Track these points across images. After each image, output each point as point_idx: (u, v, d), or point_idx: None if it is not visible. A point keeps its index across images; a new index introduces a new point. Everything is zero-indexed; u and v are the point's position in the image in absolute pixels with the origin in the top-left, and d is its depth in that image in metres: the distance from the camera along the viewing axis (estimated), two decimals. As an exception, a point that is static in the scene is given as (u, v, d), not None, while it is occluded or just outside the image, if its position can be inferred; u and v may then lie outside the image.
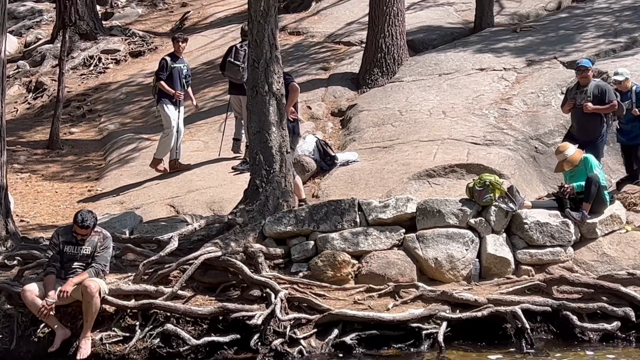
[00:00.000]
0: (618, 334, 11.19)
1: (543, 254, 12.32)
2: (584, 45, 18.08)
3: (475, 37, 19.62)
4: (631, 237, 12.54)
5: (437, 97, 16.53)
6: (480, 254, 12.36)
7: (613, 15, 19.62)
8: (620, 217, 12.72)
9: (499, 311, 11.22)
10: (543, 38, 18.95)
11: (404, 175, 13.97)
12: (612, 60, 16.85)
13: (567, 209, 12.47)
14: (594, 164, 12.83)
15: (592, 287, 11.63)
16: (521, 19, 20.92)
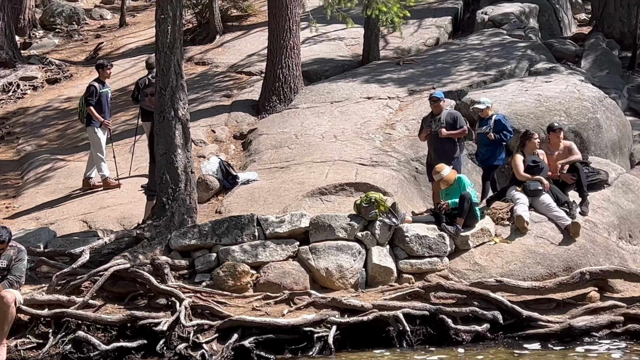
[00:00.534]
0: (488, 335, 11.43)
1: (422, 264, 12.48)
2: (458, 77, 18.39)
3: (363, 69, 19.80)
4: (499, 248, 12.80)
5: (329, 122, 16.62)
6: (366, 264, 12.47)
7: (484, 50, 20.02)
8: (489, 231, 12.97)
9: (383, 315, 11.37)
10: (423, 70, 19.23)
11: (299, 193, 13.98)
12: (483, 90, 17.14)
13: (443, 224, 12.70)
14: (467, 183, 13.09)
15: (464, 293, 11.86)
16: (403, 53, 21.19)
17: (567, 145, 14.19)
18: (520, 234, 13.00)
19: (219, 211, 14.10)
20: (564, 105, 16.01)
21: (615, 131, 16.26)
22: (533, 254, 12.75)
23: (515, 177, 13.70)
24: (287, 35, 17.77)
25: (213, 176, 14.88)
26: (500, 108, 15.70)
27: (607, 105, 16.67)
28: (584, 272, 12.13)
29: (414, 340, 11.32)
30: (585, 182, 13.77)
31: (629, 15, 22.29)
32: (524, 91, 16.81)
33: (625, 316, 11.53)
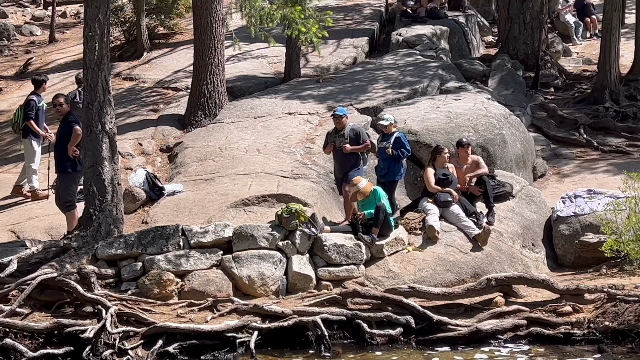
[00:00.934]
0: (401, 338, 11.49)
1: (340, 271, 12.52)
2: (374, 95, 18.43)
3: (284, 85, 19.75)
4: (412, 256, 12.89)
5: (253, 136, 16.53)
6: (287, 272, 12.49)
7: (398, 70, 20.09)
8: (403, 240, 13.06)
9: (302, 321, 11.37)
10: (341, 88, 19.22)
11: (223, 204, 13.88)
12: (397, 107, 17.22)
13: (360, 233, 12.74)
14: (382, 195, 13.15)
15: (379, 299, 11.89)
16: (323, 71, 21.19)
17: (475, 159, 14.35)
18: (432, 243, 13.10)
19: (145, 221, 13.92)
20: (472, 122, 16.12)
21: (519, 146, 16.44)
22: (443, 262, 12.86)
23: (427, 189, 13.80)
24: (212, 53, 17.66)
25: (139, 188, 14.69)
26: (413, 124, 15.85)
27: (512, 122, 16.87)
28: (490, 278, 12.23)
29: (331, 344, 11.29)
30: (491, 194, 13.93)
31: (532, 38, 22.64)
32: (435, 108, 16.90)
33: (528, 320, 11.65)
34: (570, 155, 18.57)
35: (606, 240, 12.02)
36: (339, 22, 24.35)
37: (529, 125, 18.95)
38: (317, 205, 13.92)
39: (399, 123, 15.72)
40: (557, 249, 14.34)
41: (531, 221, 14.42)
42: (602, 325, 11.37)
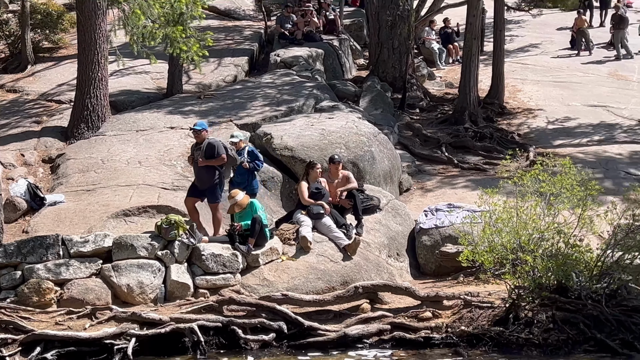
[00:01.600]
0: (274, 343, 11.47)
1: (217, 280, 12.46)
2: (253, 111, 18.43)
3: (167, 101, 19.53)
4: (286, 265, 12.89)
5: (135, 149, 16.28)
6: (165, 280, 12.34)
7: (276, 88, 20.17)
8: (277, 249, 13.06)
9: (179, 327, 11.23)
10: (222, 104, 19.15)
11: (104, 215, 13.62)
12: (275, 124, 17.25)
13: (237, 243, 12.70)
14: (258, 207, 13.14)
15: (254, 306, 11.86)
16: (205, 87, 21.05)
17: (345, 174, 14.49)
18: (304, 253, 13.15)
19: (25, 231, 13.53)
20: (344, 139, 16.27)
21: (387, 162, 16.67)
22: (315, 270, 12.90)
23: (301, 202, 13.86)
24: (96, 68, 17.34)
25: (21, 198, 14.28)
26: (289, 140, 15.94)
27: (380, 140, 17.11)
28: (357, 286, 12.32)
29: (207, 349, 11.20)
30: (360, 207, 14.08)
31: (400, 63, 22.99)
32: (310, 126, 17.00)
33: (391, 325, 11.73)
34: (433, 171, 18.95)
35: (463, 251, 12.23)
36: (220, 42, 24.29)
37: (396, 143, 19.24)
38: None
39: (276, 139, 15.86)
40: (420, 258, 14.55)
41: (396, 232, 14.61)
42: (458, 330, 11.49)
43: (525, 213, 11.93)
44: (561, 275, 11.51)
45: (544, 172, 12.28)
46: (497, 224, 11.89)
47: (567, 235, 11.84)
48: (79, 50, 17.94)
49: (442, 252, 14.08)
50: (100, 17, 17.45)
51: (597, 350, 11.01)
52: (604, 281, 11.72)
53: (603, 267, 11.77)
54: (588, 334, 11.16)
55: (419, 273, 14.46)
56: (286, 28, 25.16)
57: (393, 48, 22.99)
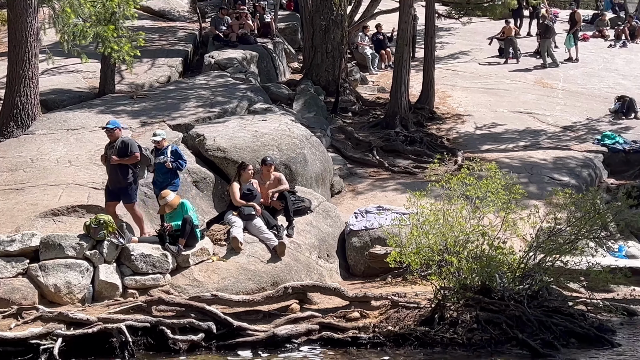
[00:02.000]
0: (202, 344, 11.37)
1: (146, 280, 12.36)
2: (187, 112, 18.27)
3: (99, 100, 19.24)
4: (216, 265, 12.86)
5: (65, 148, 15.99)
6: (94, 280, 12.17)
7: (210, 90, 20.04)
8: (208, 250, 13.01)
9: (107, 328, 11.05)
10: (155, 105, 18.95)
11: (32, 214, 13.35)
12: (208, 125, 17.14)
13: (167, 243, 12.60)
14: (189, 207, 13.06)
15: (183, 306, 11.76)
16: (138, 88, 20.78)
17: (277, 176, 14.51)
18: (235, 253, 13.12)
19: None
20: (277, 141, 16.26)
21: (319, 165, 16.71)
22: (245, 271, 12.90)
23: (232, 203, 13.84)
24: (26, 66, 16.97)
25: (-53, 197, 13.99)
26: (222, 142, 15.86)
27: (313, 142, 17.14)
28: (287, 286, 12.35)
29: (136, 349, 11.06)
30: (291, 208, 14.15)
31: (334, 67, 23.13)
32: (243, 127, 16.94)
33: (320, 325, 11.74)
34: (364, 174, 19.05)
35: (391, 252, 12.32)
36: (154, 43, 24.11)
37: (329, 146, 19.34)
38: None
39: (209, 140, 15.79)
40: (349, 259, 14.63)
41: (327, 234, 14.67)
42: (385, 330, 11.53)
43: (451, 216, 12.08)
44: (485, 276, 11.67)
45: (470, 176, 12.44)
46: (424, 226, 12.01)
47: (491, 237, 11.99)
48: (9, 48, 17.52)
49: (371, 253, 14.18)
50: (31, 15, 17.05)
51: (519, 350, 11.14)
52: (526, 283, 11.95)
53: (525, 269, 12.02)
54: (510, 334, 11.28)
55: (348, 274, 14.53)
56: (221, 30, 25.09)
57: (327, 52, 23.11)
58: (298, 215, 14.36)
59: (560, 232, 12.37)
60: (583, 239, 12.55)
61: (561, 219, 12.57)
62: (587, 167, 19.75)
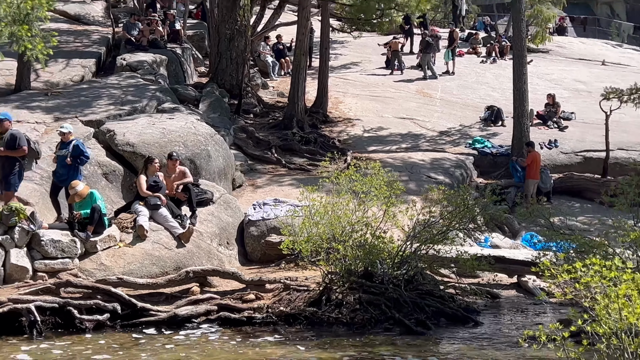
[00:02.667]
0: (108, 323, 11.23)
1: (55, 264, 12.10)
2: (98, 110, 17.86)
3: (15, 96, 18.55)
4: (123, 251, 12.68)
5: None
6: (5, 264, 11.84)
7: (121, 89, 19.60)
8: (115, 237, 12.82)
9: (17, 308, 10.76)
10: (68, 102, 18.45)
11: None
12: (119, 122, 16.74)
13: (76, 230, 12.34)
14: (98, 197, 12.85)
15: (90, 289, 11.59)
16: (52, 85, 20.17)
17: (182, 170, 14.40)
18: (141, 240, 12.96)
19: None
20: (183, 138, 16.08)
21: (222, 161, 16.61)
22: (150, 256, 12.74)
23: (139, 194, 13.65)
24: (-57, 63, 16.36)
25: None
26: (131, 137, 15.60)
27: (216, 140, 16.99)
28: (189, 271, 12.30)
29: (44, 328, 10.83)
30: (195, 199, 14.07)
31: (237, 72, 22.95)
32: (152, 125, 16.64)
33: (218, 306, 11.75)
34: (263, 170, 19.05)
35: (285, 241, 12.40)
36: (69, 44, 23.49)
37: (231, 144, 19.22)
38: (39, 205, 13.31)
39: (119, 136, 15.54)
40: (247, 247, 14.61)
41: (227, 223, 14.61)
42: (277, 310, 11.63)
43: (339, 208, 12.15)
44: (367, 262, 11.83)
45: (357, 173, 12.54)
46: (315, 217, 12.08)
47: (373, 228, 12.16)
48: None
49: (267, 241, 14.21)
50: None
51: (396, 328, 11.34)
52: (403, 268, 12.15)
53: (403, 256, 12.21)
54: (389, 314, 11.45)
55: (246, 260, 14.50)
56: (133, 35, 24.62)
57: (231, 59, 22.96)
58: (201, 206, 14.27)
59: (434, 224, 12.60)
60: (454, 230, 12.80)
61: (435, 213, 12.80)
62: (460, 168, 20.09)
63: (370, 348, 10.38)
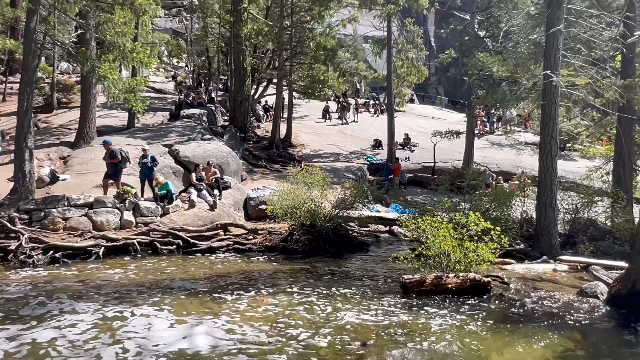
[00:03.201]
0: (175, 251, 11.04)
1: (147, 219, 11.95)
2: (171, 138, 17.59)
3: (126, 131, 18.23)
4: (183, 213, 12.39)
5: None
6: (121, 219, 11.71)
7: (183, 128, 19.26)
8: (179, 205, 12.59)
9: (127, 242, 10.80)
10: (155, 134, 18.02)
11: (90, 185, 12.82)
12: (181, 145, 16.57)
13: (158, 201, 12.25)
14: (170, 184, 12.66)
15: (166, 233, 11.43)
16: (147, 125, 19.71)
17: (214, 170, 14.22)
18: (192, 207, 12.71)
19: (48, 193, 12.49)
20: (215, 154, 15.95)
21: (235, 166, 16.51)
22: (197, 216, 12.49)
23: (191, 183, 13.53)
24: (90, 112, 16.01)
25: (46, 176, 13.35)
26: (187, 153, 15.53)
27: (232, 155, 16.87)
28: (218, 224, 12.17)
29: (142, 253, 10.68)
30: (221, 185, 13.96)
31: (244, 119, 22.63)
32: (198, 146, 16.51)
33: (233, 242, 11.52)
34: (258, 171, 18.72)
35: (268, 208, 12.29)
36: (156, 104, 23.22)
37: (240, 157, 18.99)
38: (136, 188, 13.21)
39: (181, 152, 15.39)
40: (249, 211, 14.35)
41: (238, 199, 14.43)
42: (265, 244, 11.47)
43: (297, 191, 11.87)
44: (312, 219, 11.52)
45: (307, 173, 12.52)
46: (285, 196, 11.83)
47: (315, 202, 11.83)
48: (81, 102, 16.57)
49: (259, 208, 14.07)
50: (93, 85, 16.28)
51: (327, 254, 10.98)
52: (331, 222, 11.84)
53: (331, 216, 11.79)
54: (323, 246, 11.19)
55: (248, 218, 14.23)
56: (189, 100, 24.62)
57: (241, 112, 22.78)
58: (224, 190, 14.02)
59: (347, 200, 12.29)
60: (357, 203, 12.65)
61: (347, 194, 12.70)
62: (360, 171, 19.84)
63: (314, 263, 10.21)
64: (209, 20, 26.36)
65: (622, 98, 12.30)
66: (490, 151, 24.62)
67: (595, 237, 11.64)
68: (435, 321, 6.59)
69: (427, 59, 30.78)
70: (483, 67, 17.47)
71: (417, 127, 28.94)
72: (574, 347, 5.79)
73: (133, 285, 8.18)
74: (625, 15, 12.55)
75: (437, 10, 39.49)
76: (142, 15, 11.96)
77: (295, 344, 5.84)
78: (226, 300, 7.31)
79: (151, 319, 6.58)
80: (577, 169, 20.62)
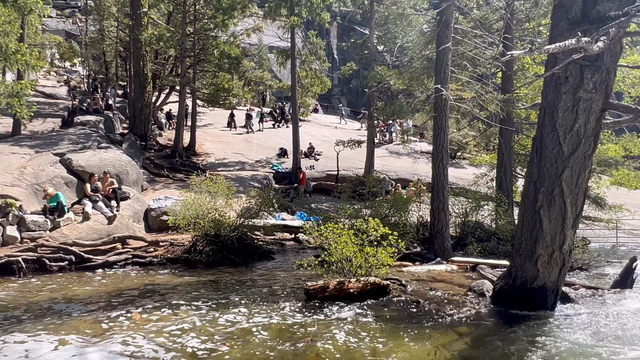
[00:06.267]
0: (67, 267, 10.50)
1: (35, 234, 11.21)
2: (63, 147, 16.35)
3: (11, 138, 16.54)
4: (75, 227, 11.80)
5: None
6: (3, 235, 10.80)
7: (76, 136, 18.02)
8: (71, 218, 12.03)
9: (10, 260, 9.94)
10: (44, 142, 16.65)
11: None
12: (74, 153, 15.49)
13: (47, 214, 11.50)
14: (61, 195, 12.00)
15: (56, 248, 10.79)
16: (36, 132, 18.09)
17: (112, 180, 13.63)
18: (87, 220, 12.14)
19: None
20: (113, 163, 15.26)
21: (135, 175, 15.92)
22: (92, 229, 11.98)
23: (86, 194, 12.87)
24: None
25: None
26: (82, 162, 14.59)
27: (132, 164, 16.18)
28: (115, 236, 11.79)
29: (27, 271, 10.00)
30: (120, 196, 13.33)
31: (145, 126, 21.72)
32: (94, 155, 15.48)
33: (132, 255, 11.19)
34: (160, 181, 18.30)
35: (170, 219, 12.07)
36: (46, 109, 21.33)
37: (141, 166, 18.39)
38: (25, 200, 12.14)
39: (74, 161, 14.53)
40: (149, 222, 13.96)
41: (138, 210, 13.99)
42: (166, 256, 11.29)
43: (201, 200, 11.80)
44: (216, 229, 11.45)
45: (211, 182, 12.38)
46: (188, 206, 11.75)
47: (220, 211, 11.77)
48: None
49: (161, 219, 13.74)
50: None
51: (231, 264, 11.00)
52: (236, 232, 11.82)
53: (236, 225, 11.87)
54: (227, 256, 11.17)
55: (150, 230, 13.88)
56: (83, 105, 22.92)
57: (141, 120, 21.91)
58: (123, 200, 13.62)
59: (252, 208, 12.48)
60: (262, 211, 12.82)
61: (253, 203, 12.74)
62: (266, 179, 19.90)
63: (218, 274, 10.15)
64: (106, 23, 24.85)
65: (502, 111, 13.11)
66: (390, 159, 25.75)
67: (482, 238, 12.18)
68: (333, 324, 6.73)
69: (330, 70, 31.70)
70: (382, 79, 18.37)
71: (321, 136, 29.38)
72: (457, 338, 6.22)
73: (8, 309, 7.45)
74: (504, 37, 13.92)
75: (339, 24, 41.03)
76: (28, 14, 10.91)
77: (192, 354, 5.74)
78: (117, 318, 7.00)
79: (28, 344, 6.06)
80: (466, 175, 22.07)
